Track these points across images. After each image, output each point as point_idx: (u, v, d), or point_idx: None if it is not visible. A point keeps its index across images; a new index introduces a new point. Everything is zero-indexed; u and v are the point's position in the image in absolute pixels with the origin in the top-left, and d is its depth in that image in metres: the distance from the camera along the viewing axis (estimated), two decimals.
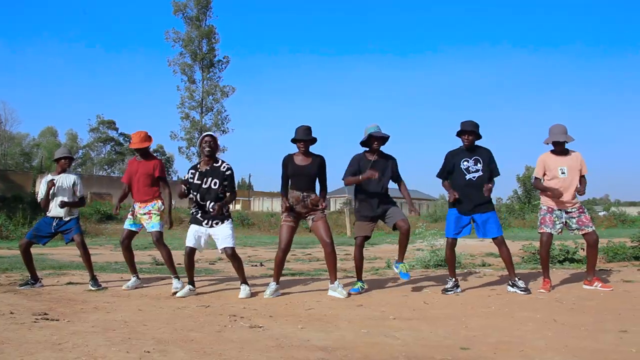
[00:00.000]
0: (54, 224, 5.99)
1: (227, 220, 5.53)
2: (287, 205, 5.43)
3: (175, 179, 46.50)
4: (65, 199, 5.96)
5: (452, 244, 5.67)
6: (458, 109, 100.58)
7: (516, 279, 5.58)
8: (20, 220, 21.03)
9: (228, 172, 5.50)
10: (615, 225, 27.30)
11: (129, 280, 6.11)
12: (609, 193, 77.06)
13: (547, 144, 5.67)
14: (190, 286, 5.60)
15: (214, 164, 5.51)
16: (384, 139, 5.64)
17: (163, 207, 5.98)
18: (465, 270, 7.65)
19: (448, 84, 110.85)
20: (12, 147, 63.20)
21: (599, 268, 7.51)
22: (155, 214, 5.91)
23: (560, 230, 5.65)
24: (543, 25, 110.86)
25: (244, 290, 5.43)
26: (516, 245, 11.42)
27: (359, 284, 5.72)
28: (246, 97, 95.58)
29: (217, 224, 5.47)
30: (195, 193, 5.51)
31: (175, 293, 5.61)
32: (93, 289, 5.85)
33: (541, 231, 5.71)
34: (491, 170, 5.61)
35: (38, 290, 5.77)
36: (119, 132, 66.07)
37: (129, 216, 6.01)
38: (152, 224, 5.91)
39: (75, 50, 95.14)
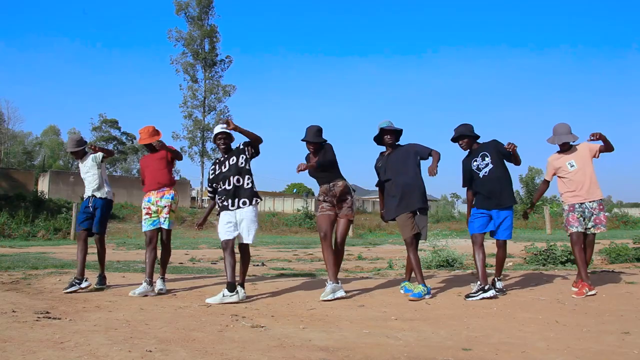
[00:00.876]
0: (90, 204, 6.02)
1: (254, 204, 5.38)
2: (308, 164, 5.31)
3: (177, 177, 46.42)
4: (95, 182, 6.03)
5: (480, 242, 5.43)
6: (460, 109, 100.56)
7: (497, 279, 5.53)
8: (22, 219, 21.07)
9: (244, 146, 5.43)
10: (617, 226, 27.17)
11: (140, 284, 5.71)
12: (611, 194, 76.80)
13: (553, 144, 5.64)
14: (239, 288, 5.25)
15: (230, 151, 5.48)
16: (396, 132, 5.58)
17: (176, 198, 5.94)
18: (468, 271, 7.64)
19: (449, 84, 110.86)
20: (15, 145, 63.29)
21: (601, 269, 7.50)
22: (172, 210, 5.86)
23: (586, 227, 5.52)
24: (545, 26, 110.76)
25: (240, 293, 5.18)
26: (518, 246, 11.40)
27: (421, 287, 5.28)
28: (248, 97, 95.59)
29: (244, 204, 5.32)
30: (219, 183, 5.42)
31: (160, 293, 5.57)
32: (96, 286, 5.86)
33: (569, 232, 5.57)
34: (503, 155, 5.47)
35: (40, 289, 5.78)
36: (122, 131, 66.08)
37: (145, 215, 5.86)
38: (169, 220, 5.83)
39: (78, 49, 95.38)
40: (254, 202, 5.38)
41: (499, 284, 5.51)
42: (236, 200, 5.32)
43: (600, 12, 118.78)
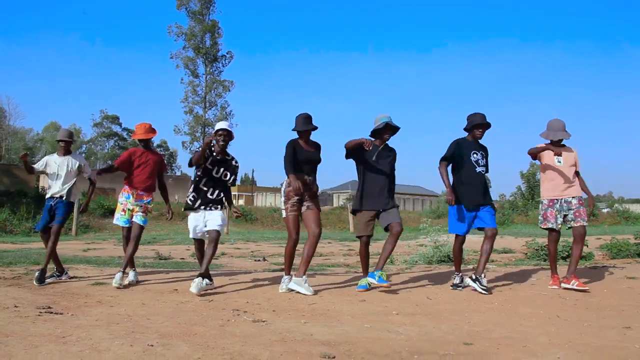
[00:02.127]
0: (53, 203, 6.04)
1: (222, 209, 5.65)
2: (305, 179, 5.37)
3: (178, 173, 46.52)
4: (68, 184, 6.04)
5: (462, 241, 5.64)
6: (461, 105, 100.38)
7: (482, 275, 5.41)
8: (23, 214, 21.08)
9: (237, 168, 5.71)
10: (619, 222, 27.19)
11: (128, 274, 5.98)
12: (612, 190, 76.86)
13: (547, 139, 5.65)
14: (207, 280, 5.45)
15: (226, 157, 5.61)
16: (395, 130, 5.59)
17: (152, 204, 6.12)
18: (470, 267, 7.64)
19: (451, 80, 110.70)
20: (16, 141, 63.35)
21: (602, 264, 7.50)
22: (149, 211, 6.02)
23: (560, 224, 5.59)
24: (549, 22, 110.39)
25: (198, 284, 5.12)
26: (519, 241, 11.41)
27: (366, 280, 5.49)
28: (249, 93, 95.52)
29: (214, 209, 5.56)
30: (204, 178, 5.53)
31: (120, 286, 5.54)
32: (35, 283, 5.65)
33: (545, 227, 5.66)
34: (487, 167, 5.68)
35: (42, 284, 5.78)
36: (123, 127, 66.19)
37: (121, 211, 5.95)
38: (144, 218, 5.94)
39: (79, 45, 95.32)
40: (220, 208, 5.64)
41: (484, 281, 5.36)
42: (209, 205, 5.56)
43: (599, 8, 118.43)
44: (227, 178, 5.63)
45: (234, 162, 5.68)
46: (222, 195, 5.62)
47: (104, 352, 2.99)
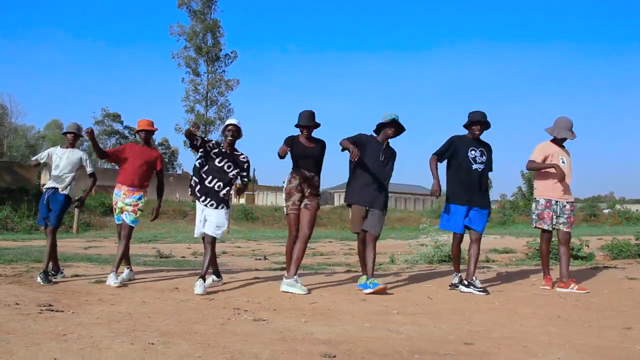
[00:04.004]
0: (48, 194, 5.94)
1: (227, 207, 5.48)
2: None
3: (180, 172, 46.54)
4: (67, 178, 5.96)
5: (459, 240, 5.59)
6: (461, 104, 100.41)
7: (474, 278, 5.43)
8: (25, 212, 21.12)
9: (246, 164, 5.55)
10: (619, 222, 27.19)
11: (122, 272, 5.90)
12: (613, 190, 76.76)
13: (552, 135, 5.63)
14: (214, 276, 5.47)
15: (235, 152, 5.54)
16: (401, 131, 5.56)
17: (145, 201, 5.89)
18: None
19: (452, 79, 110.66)
20: (17, 139, 63.38)
21: (603, 265, 7.49)
22: (140, 210, 5.82)
23: (554, 225, 5.59)
24: (550, 21, 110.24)
25: (200, 286, 5.13)
26: (520, 241, 11.40)
27: (365, 278, 5.45)
28: (250, 92, 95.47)
29: (215, 207, 5.39)
30: (206, 167, 5.44)
31: (117, 285, 5.53)
32: (40, 282, 5.60)
33: (539, 227, 5.66)
34: (489, 165, 5.63)
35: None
36: (124, 125, 66.21)
37: (116, 207, 5.87)
38: (134, 218, 5.80)
39: (80, 44, 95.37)
40: (226, 209, 5.49)
41: (478, 283, 5.41)
42: (211, 200, 5.41)
43: (600, 9, 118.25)
44: (230, 170, 5.44)
45: (241, 157, 5.53)
46: (223, 190, 5.42)
47: (105, 350, 2.99)
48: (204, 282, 5.21)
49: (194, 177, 5.51)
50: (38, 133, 68.49)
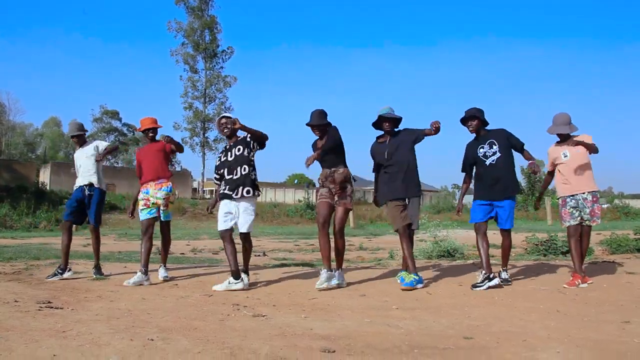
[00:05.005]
0: (86, 191, 6.06)
1: (254, 195, 5.41)
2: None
3: (178, 169, 46.52)
4: (92, 170, 6.07)
5: (481, 231, 5.40)
6: (461, 101, 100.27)
7: (502, 269, 5.54)
8: (24, 210, 21.10)
9: (250, 137, 5.47)
10: (618, 217, 27.18)
11: (135, 274, 5.71)
12: (612, 185, 76.75)
13: (551, 134, 5.63)
14: (244, 275, 5.36)
15: (237, 139, 5.50)
16: (394, 121, 5.54)
17: (174, 190, 6.01)
18: (469, 262, 7.64)
19: (451, 76, 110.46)
20: (15, 137, 63.27)
21: (602, 260, 7.50)
22: (171, 202, 5.97)
23: (580, 217, 5.51)
24: (549, 18, 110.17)
25: (244, 280, 5.28)
26: (519, 237, 11.40)
27: (413, 276, 5.27)
28: (249, 88, 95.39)
29: (247, 193, 5.34)
30: (223, 169, 5.45)
31: (165, 280, 5.70)
32: (94, 277, 5.91)
33: (564, 226, 5.63)
34: (513, 145, 5.46)
35: (42, 279, 5.80)
36: (123, 122, 66.00)
37: (143, 206, 5.87)
38: (168, 212, 5.96)
39: (78, 41, 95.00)
40: (255, 193, 5.42)
41: (504, 274, 5.50)
42: (239, 189, 5.33)
43: (599, 6, 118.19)
44: (241, 152, 5.37)
45: (247, 138, 5.45)
46: (245, 171, 5.35)
47: (104, 347, 3.00)
48: (247, 276, 5.38)
49: (217, 182, 5.55)
50: (36, 131, 68.32)
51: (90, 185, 6.05)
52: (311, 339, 3.26)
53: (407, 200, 5.42)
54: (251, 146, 5.44)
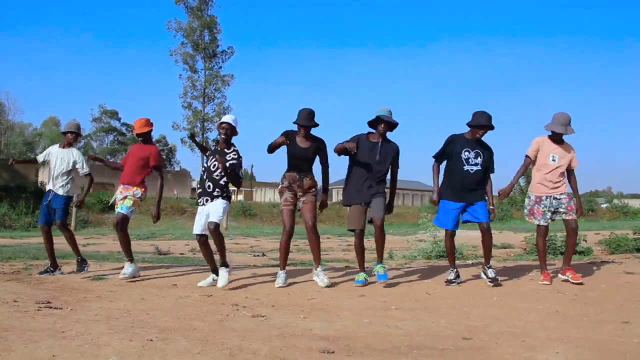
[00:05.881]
0: (50, 197, 6.06)
1: (223, 199, 5.46)
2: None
3: (177, 169, 46.53)
4: (61, 178, 6.04)
5: (451, 235, 5.61)
6: (459, 100, 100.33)
7: (487, 267, 5.52)
8: (23, 209, 21.10)
9: (234, 160, 5.40)
10: (617, 217, 27.26)
11: (124, 267, 5.85)
12: (611, 185, 76.92)
13: (548, 130, 5.63)
14: (214, 275, 5.50)
15: (225, 149, 5.48)
16: (391, 125, 5.54)
17: (142, 195, 5.86)
18: (468, 262, 7.65)
19: (449, 75, 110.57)
20: (14, 136, 63.23)
21: (601, 260, 7.51)
22: (130, 198, 5.78)
23: (550, 219, 5.59)
24: (547, 17, 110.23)
25: (222, 278, 5.30)
26: (518, 237, 11.42)
27: (363, 275, 5.50)
28: (248, 88, 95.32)
29: (211, 200, 5.42)
30: (203, 169, 5.55)
31: (127, 278, 5.68)
32: (81, 271, 5.93)
33: (529, 220, 5.72)
34: (487, 167, 5.55)
35: (41, 279, 5.79)
36: (122, 122, 66.01)
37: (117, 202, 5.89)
38: (121, 206, 5.77)
39: (78, 41, 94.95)
40: (223, 200, 5.45)
41: (490, 272, 5.45)
42: (209, 197, 5.44)
43: (598, 3, 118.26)
44: (215, 169, 5.40)
45: (229, 156, 5.39)
46: (217, 188, 5.41)
47: (104, 347, 3.00)
48: (227, 270, 5.43)
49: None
50: (35, 130, 68.27)
51: (55, 193, 6.05)
52: (310, 340, 3.26)
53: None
54: (227, 171, 5.36)
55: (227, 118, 5.54)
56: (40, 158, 6.31)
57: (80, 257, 6.22)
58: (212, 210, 5.40)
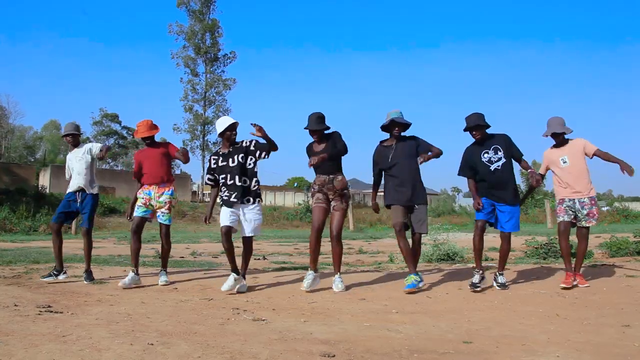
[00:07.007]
0: (78, 198, 6.06)
1: (258, 202, 5.46)
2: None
3: (178, 172, 46.49)
4: (84, 174, 6.05)
5: (481, 229, 5.46)
6: (462, 103, 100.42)
7: (499, 273, 5.50)
8: (23, 213, 21.09)
9: (252, 142, 5.44)
10: (618, 220, 27.17)
11: (127, 275, 5.79)
12: (612, 188, 76.84)
13: (546, 137, 5.63)
14: (235, 274, 5.32)
15: (235, 145, 5.46)
16: (405, 126, 5.54)
17: (175, 194, 6.02)
18: (470, 265, 7.64)
19: (452, 78, 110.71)
20: (15, 140, 63.28)
21: (601, 263, 7.50)
22: (173, 206, 5.98)
23: (574, 217, 5.54)
24: (548, 20, 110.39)
25: (229, 283, 5.29)
26: (519, 240, 11.39)
27: (413, 277, 5.26)
28: (249, 91, 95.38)
29: (248, 201, 5.38)
30: (223, 175, 5.41)
31: (165, 284, 5.70)
32: (86, 282, 5.84)
33: (558, 221, 5.65)
34: (513, 154, 5.48)
35: (41, 283, 5.80)
36: (122, 125, 65.95)
37: (141, 204, 5.84)
38: (168, 216, 5.91)
39: (78, 44, 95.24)
40: (257, 201, 5.47)
41: (501, 279, 5.48)
42: (243, 198, 5.37)
43: (598, 6, 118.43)
44: (244, 160, 5.37)
45: (244, 144, 5.44)
46: (247, 183, 5.38)
47: (104, 351, 3.00)
48: (244, 280, 5.43)
49: (225, 192, 5.43)
50: (36, 134, 68.34)
51: (82, 190, 6.06)
52: (311, 344, 3.26)
53: (414, 207, 5.44)
54: (256, 155, 5.42)
55: (230, 120, 5.47)
56: (67, 175, 6.29)
57: (89, 270, 6.05)
58: (254, 219, 5.40)
